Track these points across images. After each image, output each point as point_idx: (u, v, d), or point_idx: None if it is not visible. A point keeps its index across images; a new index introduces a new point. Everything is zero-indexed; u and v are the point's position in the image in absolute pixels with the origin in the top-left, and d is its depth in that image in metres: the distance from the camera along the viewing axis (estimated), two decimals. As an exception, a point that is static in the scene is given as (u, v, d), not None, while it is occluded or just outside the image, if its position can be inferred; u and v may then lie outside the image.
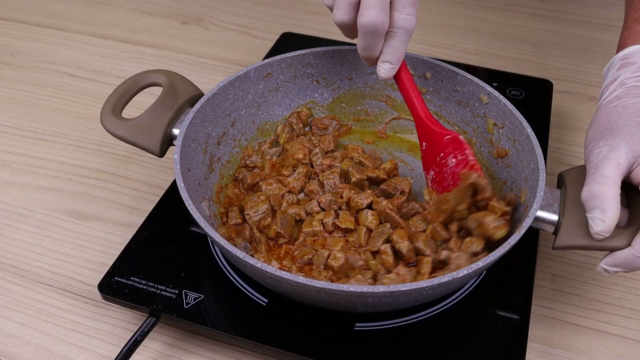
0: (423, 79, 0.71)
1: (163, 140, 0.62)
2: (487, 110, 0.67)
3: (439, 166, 0.63)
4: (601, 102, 0.57)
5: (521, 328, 0.56)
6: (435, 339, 0.56)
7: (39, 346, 0.59)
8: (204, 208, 0.61)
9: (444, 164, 0.62)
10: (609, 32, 0.99)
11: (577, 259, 0.66)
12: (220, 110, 0.67)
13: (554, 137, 0.80)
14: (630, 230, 0.51)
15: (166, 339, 0.60)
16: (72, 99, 0.87)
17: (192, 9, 1.06)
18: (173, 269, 0.60)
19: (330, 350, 0.54)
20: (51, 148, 0.80)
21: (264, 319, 0.56)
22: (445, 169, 0.62)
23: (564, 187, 0.56)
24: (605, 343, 0.59)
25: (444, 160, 0.62)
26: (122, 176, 0.76)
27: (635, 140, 0.51)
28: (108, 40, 0.99)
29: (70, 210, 0.72)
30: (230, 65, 0.94)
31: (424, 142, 0.64)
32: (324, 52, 0.72)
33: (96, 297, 0.62)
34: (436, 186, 0.63)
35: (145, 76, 0.66)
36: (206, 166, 0.65)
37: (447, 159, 0.62)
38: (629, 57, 0.58)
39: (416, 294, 0.50)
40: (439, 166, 0.63)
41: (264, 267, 0.49)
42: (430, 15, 1.03)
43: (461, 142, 0.61)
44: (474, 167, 0.60)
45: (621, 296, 0.63)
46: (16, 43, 0.98)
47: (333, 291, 0.48)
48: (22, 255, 0.67)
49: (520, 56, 0.95)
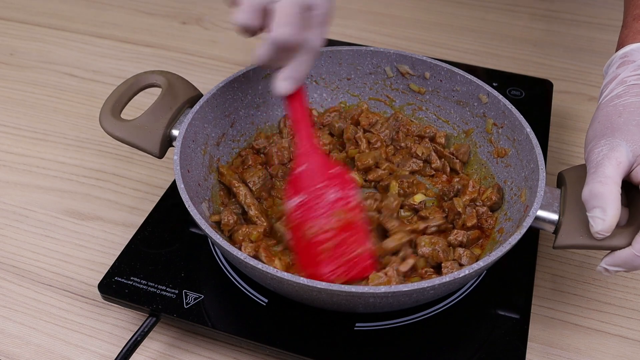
0: (422, 79, 0.71)
1: (162, 142, 0.62)
2: (487, 110, 0.67)
3: (313, 194, 0.58)
4: (601, 100, 0.57)
5: (521, 328, 0.56)
6: (435, 339, 0.56)
7: (39, 346, 0.59)
8: (204, 209, 0.61)
9: (321, 195, 0.58)
10: (609, 32, 0.99)
11: (577, 258, 0.66)
12: (220, 111, 0.67)
13: (554, 137, 0.80)
14: (631, 230, 0.51)
15: (166, 339, 0.60)
16: (72, 99, 0.87)
17: (192, 9, 1.06)
18: (173, 269, 0.60)
19: (330, 350, 0.54)
20: (51, 148, 0.80)
21: (264, 319, 0.56)
22: (321, 200, 0.58)
23: (564, 187, 0.56)
24: (605, 343, 0.59)
25: (323, 191, 0.58)
26: (122, 176, 0.76)
27: (636, 140, 0.51)
28: (108, 40, 0.99)
29: (70, 210, 0.72)
30: (230, 65, 0.94)
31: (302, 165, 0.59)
32: (322, 53, 0.72)
33: (96, 297, 0.62)
34: (302, 212, 0.58)
35: (144, 77, 0.66)
36: (206, 167, 0.65)
37: (327, 191, 0.58)
38: (629, 55, 0.58)
39: (417, 294, 0.50)
40: (314, 194, 0.58)
41: (264, 267, 0.49)
42: (430, 15, 1.03)
43: (347, 179, 0.59)
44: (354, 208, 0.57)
45: (621, 296, 0.63)
46: (16, 43, 0.98)
47: (334, 292, 0.48)
48: (22, 255, 0.67)
49: (520, 56, 0.95)
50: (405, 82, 0.72)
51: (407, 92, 0.73)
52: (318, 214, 0.57)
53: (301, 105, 0.58)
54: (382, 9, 1.05)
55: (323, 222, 0.57)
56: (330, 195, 0.58)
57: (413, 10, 1.04)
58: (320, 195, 0.58)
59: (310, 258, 0.58)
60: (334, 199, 0.58)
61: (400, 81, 0.73)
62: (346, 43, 0.85)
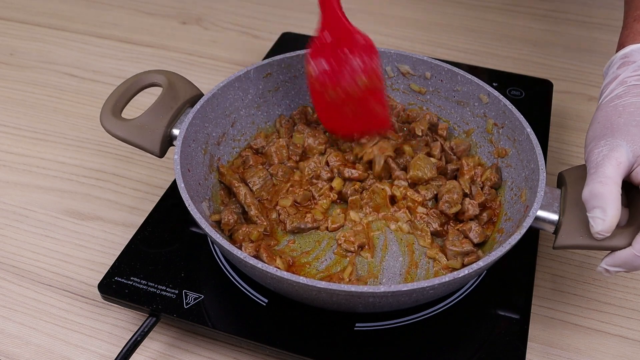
0: (423, 78, 0.71)
1: (163, 141, 0.62)
2: (487, 110, 0.67)
3: (338, 60, 0.61)
4: (601, 101, 0.57)
5: (521, 328, 0.56)
6: (435, 339, 0.56)
7: (39, 346, 0.59)
8: (204, 208, 0.61)
9: (346, 61, 0.61)
10: (609, 32, 0.99)
11: (577, 259, 0.66)
12: (220, 111, 0.67)
13: (554, 137, 0.80)
14: (631, 230, 0.51)
15: (166, 339, 0.60)
16: (72, 99, 0.87)
17: (192, 9, 1.06)
18: (173, 269, 0.60)
19: (330, 350, 0.54)
20: (51, 148, 0.80)
21: (264, 319, 0.56)
22: (346, 66, 0.61)
23: (564, 187, 0.56)
24: (605, 343, 0.59)
25: (349, 57, 0.61)
26: (122, 176, 0.76)
27: (636, 140, 0.51)
28: (108, 40, 0.99)
29: (70, 210, 0.72)
30: (230, 65, 0.94)
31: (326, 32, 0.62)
32: (324, 52, 0.72)
33: (96, 297, 0.62)
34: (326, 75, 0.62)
35: (145, 76, 0.66)
36: (206, 166, 0.65)
37: (353, 58, 0.60)
38: (629, 55, 0.58)
39: (417, 294, 0.50)
40: (339, 60, 0.61)
41: (264, 267, 0.49)
42: (430, 15, 1.03)
43: (373, 48, 0.61)
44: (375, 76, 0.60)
45: (621, 296, 0.63)
46: (16, 43, 0.98)
47: (334, 291, 0.48)
48: (22, 255, 0.67)
49: (520, 56, 0.95)
50: (406, 82, 0.72)
51: (407, 92, 0.73)
52: (341, 79, 0.61)
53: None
54: (382, 9, 1.05)
55: (346, 86, 0.61)
56: (354, 62, 0.60)
57: (413, 10, 1.05)
58: (344, 61, 0.61)
59: (332, 116, 0.65)
60: (359, 67, 0.60)
61: (401, 81, 0.73)
62: (346, 43, 0.85)
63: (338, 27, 0.61)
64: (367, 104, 0.62)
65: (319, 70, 0.62)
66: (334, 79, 0.62)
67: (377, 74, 0.61)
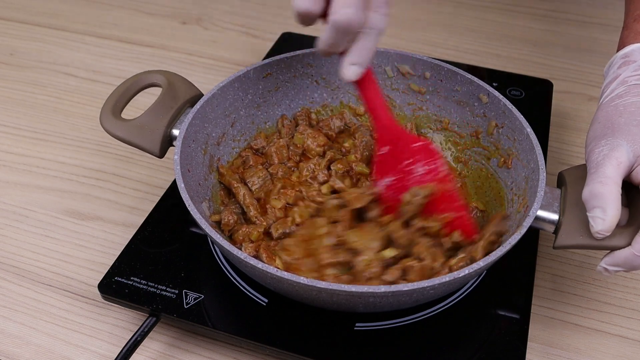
0: (422, 78, 0.71)
1: (163, 141, 0.62)
2: (487, 110, 0.67)
3: (401, 173, 0.59)
4: (602, 100, 0.57)
5: (521, 328, 0.56)
6: (435, 339, 0.56)
7: (39, 346, 0.59)
8: (204, 208, 0.61)
9: (410, 171, 0.59)
10: (609, 32, 0.99)
11: (577, 258, 0.66)
12: (220, 111, 0.67)
13: (554, 137, 0.80)
14: (631, 230, 0.51)
15: (166, 339, 0.60)
16: (72, 99, 0.87)
17: (192, 9, 1.06)
18: (173, 269, 0.60)
19: (330, 350, 0.54)
20: (51, 148, 0.80)
21: (264, 319, 0.56)
22: (410, 176, 0.59)
23: (564, 187, 0.56)
24: (605, 343, 0.59)
25: (410, 167, 0.58)
26: (122, 176, 0.76)
27: (637, 140, 0.51)
28: (108, 40, 0.99)
29: (70, 210, 0.72)
30: (230, 65, 0.94)
31: (384, 147, 0.60)
32: (323, 52, 0.72)
33: (96, 297, 0.62)
34: (392, 193, 0.60)
35: (144, 77, 0.66)
36: (206, 167, 0.65)
37: (415, 167, 0.58)
38: (629, 55, 0.58)
39: (417, 294, 0.50)
40: (402, 173, 0.59)
41: (264, 267, 0.49)
42: (430, 15, 1.03)
43: (432, 151, 0.58)
44: (445, 178, 0.57)
45: (621, 296, 0.63)
46: (16, 43, 0.98)
47: (334, 291, 0.48)
48: (22, 255, 0.67)
49: (520, 56, 0.95)
50: (405, 82, 0.72)
51: (407, 92, 0.73)
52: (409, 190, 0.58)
53: (373, 86, 0.58)
54: (382, 9, 1.05)
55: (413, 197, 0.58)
56: (419, 170, 0.58)
57: (413, 10, 1.04)
58: (409, 172, 0.58)
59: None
60: (423, 173, 0.58)
61: (400, 81, 0.73)
62: (346, 43, 0.85)
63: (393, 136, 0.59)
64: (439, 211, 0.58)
65: (385, 187, 0.60)
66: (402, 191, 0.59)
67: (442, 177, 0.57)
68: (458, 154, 0.71)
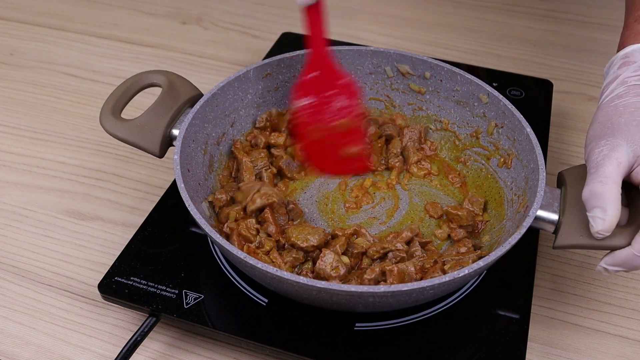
0: (422, 78, 0.71)
1: (163, 141, 0.62)
2: (487, 110, 0.67)
3: (321, 99, 0.65)
4: (602, 101, 0.57)
5: (521, 328, 0.56)
6: (435, 339, 0.56)
7: (39, 346, 0.59)
8: (204, 208, 0.61)
9: (329, 101, 0.64)
10: (609, 32, 0.99)
11: (577, 258, 0.66)
12: (220, 111, 0.67)
13: (554, 137, 0.80)
14: (631, 230, 0.51)
15: (166, 339, 0.60)
16: (72, 99, 0.87)
17: (192, 9, 1.06)
18: (173, 269, 0.60)
19: (330, 350, 0.54)
20: (51, 148, 0.80)
21: (264, 319, 0.56)
22: (329, 105, 0.64)
23: (564, 187, 0.56)
24: (605, 343, 0.59)
25: (332, 97, 0.64)
26: (122, 176, 0.76)
27: (636, 140, 0.51)
28: (108, 40, 0.99)
29: (70, 210, 0.72)
30: (230, 65, 0.94)
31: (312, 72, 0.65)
32: (323, 52, 0.72)
33: (96, 297, 0.62)
34: (309, 113, 0.65)
35: (144, 76, 0.66)
36: (206, 166, 0.65)
37: (336, 99, 0.64)
38: (630, 56, 0.58)
39: (417, 293, 0.50)
40: (321, 99, 0.65)
41: (264, 267, 0.49)
42: (430, 15, 1.03)
43: (354, 91, 0.64)
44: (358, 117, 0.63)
45: (621, 296, 0.63)
46: (16, 43, 0.98)
47: (334, 291, 0.48)
48: (22, 255, 0.67)
49: (520, 56, 0.95)
50: (405, 82, 0.72)
51: (407, 92, 0.73)
52: (324, 118, 0.64)
53: (320, 16, 0.61)
54: (382, 9, 1.05)
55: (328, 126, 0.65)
56: (337, 103, 0.64)
57: (413, 10, 1.04)
58: (328, 101, 0.64)
59: (314, 153, 0.67)
60: (340, 107, 0.64)
61: (400, 81, 0.73)
62: (346, 43, 0.85)
63: (323, 66, 0.64)
64: (346, 143, 0.66)
65: (303, 106, 0.65)
66: (316, 115, 0.65)
67: (357, 114, 0.64)
68: (458, 154, 0.71)
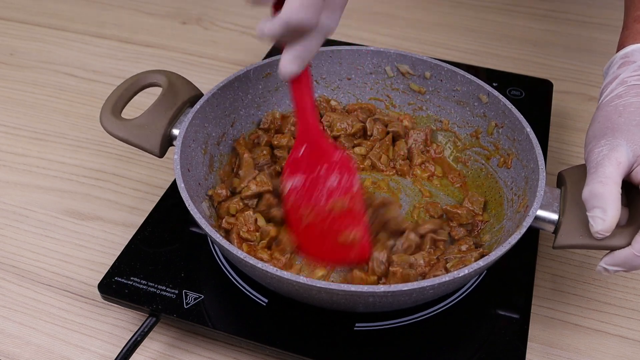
0: (422, 78, 0.71)
1: (163, 141, 0.62)
2: (487, 109, 0.67)
3: (313, 178, 0.58)
4: (601, 100, 0.57)
5: (521, 328, 0.56)
6: (435, 339, 0.56)
7: (39, 346, 0.59)
8: (204, 208, 0.61)
9: (322, 180, 0.57)
10: (609, 32, 0.99)
11: (577, 258, 0.66)
12: (220, 111, 0.67)
13: (554, 137, 0.80)
14: (631, 230, 0.51)
15: (166, 339, 0.60)
16: (72, 99, 0.87)
17: (192, 9, 1.06)
18: (173, 269, 0.60)
19: (330, 350, 0.54)
20: (51, 148, 0.80)
21: (264, 319, 0.56)
22: (321, 184, 0.58)
23: (564, 187, 0.56)
24: (605, 343, 0.59)
25: (325, 174, 0.57)
26: (122, 176, 0.76)
27: (636, 140, 0.51)
28: (108, 40, 0.99)
29: (70, 210, 0.72)
30: (230, 65, 0.94)
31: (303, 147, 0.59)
32: (322, 52, 0.72)
33: (96, 297, 0.62)
34: (300, 194, 0.58)
35: (144, 76, 0.66)
36: (206, 166, 0.65)
37: (330, 175, 0.57)
38: (629, 55, 0.58)
39: (417, 293, 0.50)
40: (315, 177, 0.58)
41: (264, 267, 0.49)
42: (430, 15, 1.03)
43: (351, 167, 0.57)
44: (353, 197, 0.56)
45: (621, 296, 0.63)
46: (16, 43, 0.98)
47: (334, 291, 0.48)
48: (22, 255, 0.67)
49: (520, 56, 0.95)
50: (405, 82, 0.72)
51: (407, 92, 0.73)
52: (318, 199, 0.57)
53: (307, 86, 0.56)
54: (382, 9, 1.05)
55: (321, 208, 0.57)
56: (331, 181, 0.57)
57: (413, 10, 1.04)
58: (320, 179, 0.57)
59: (307, 242, 0.59)
60: (335, 186, 0.57)
61: (400, 81, 0.73)
62: (346, 43, 0.85)
63: (313, 140, 0.58)
64: (344, 227, 0.57)
65: (293, 186, 0.58)
66: (309, 196, 0.58)
67: (354, 194, 0.57)
68: (458, 154, 0.71)
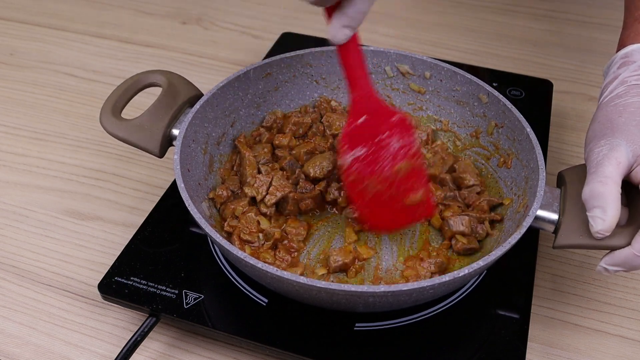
0: (422, 78, 0.71)
1: (163, 141, 0.62)
2: (487, 109, 0.67)
3: (375, 146, 0.57)
4: (601, 100, 0.57)
5: (521, 328, 0.56)
6: (435, 339, 0.56)
7: (39, 346, 0.59)
8: (204, 208, 0.61)
9: (385, 145, 0.56)
10: (609, 32, 0.99)
11: (577, 258, 0.66)
12: (220, 111, 0.67)
13: (554, 137, 0.80)
14: (630, 229, 0.51)
15: (166, 339, 0.60)
16: (72, 99, 0.87)
17: (192, 9, 1.06)
18: (173, 269, 0.60)
19: (330, 350, 0.54)
20: (51, 148, 0.80)
21: (264, 319, 0.56)
22: (385, 150, 0.56)
23: (564, 186, 0.56)
24: (605, 343, 0.59)
25: (386, 141, 0.56)
26: (122, 176, 0.76)
27: (636, 140, 0.51)
28: (108, 40, 0.99)
29: (70, 210, 0.72)
30: (230, 65, 0.94)
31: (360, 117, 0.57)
32: (323, 52, 0.72)
33: (96, 297, 0.62)
34: (362, 165, 0.57)
35: (144, 76, 0.66)
36: (206, 166, 0.65)
37: (391, 140, 0.56)
38: (629, 55, 0.58)
39: (417, 293, 0.50)
40: (376, 146, 0.57)
41: (264, 267, 0.49)
42: (430, 15, 1.03)
43: (409, 126, 0.57)
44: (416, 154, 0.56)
45: (621, 296, 0.63)
46: (16, 43, 0.98)
47: (334, 291, 0.48)
48: (22, 255, 0.67)
49: (520, 56, 0.95)
50: (405, 81, 0.72)
51: (407, 91, 0.73)
52: (383, 167, 0.57)
53: (358, 52, 0.54)
54: (381, 9, 1.05)
55: (387, 174, 0.57)
56: (394, 145, 0.56)
57: (413, 10, 1.05)
58: (383, 145, 0.56)
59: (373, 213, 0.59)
60: (397, 149, 0.56)
61: (400, 81, 0.73)
62: (346, 43, 0.85)
63: (371, 108, 0.57)
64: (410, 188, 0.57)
65: (354, 159, 0.57)
66: (372, 166, 0.57)
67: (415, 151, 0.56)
68: (458, 154, 0.71)
